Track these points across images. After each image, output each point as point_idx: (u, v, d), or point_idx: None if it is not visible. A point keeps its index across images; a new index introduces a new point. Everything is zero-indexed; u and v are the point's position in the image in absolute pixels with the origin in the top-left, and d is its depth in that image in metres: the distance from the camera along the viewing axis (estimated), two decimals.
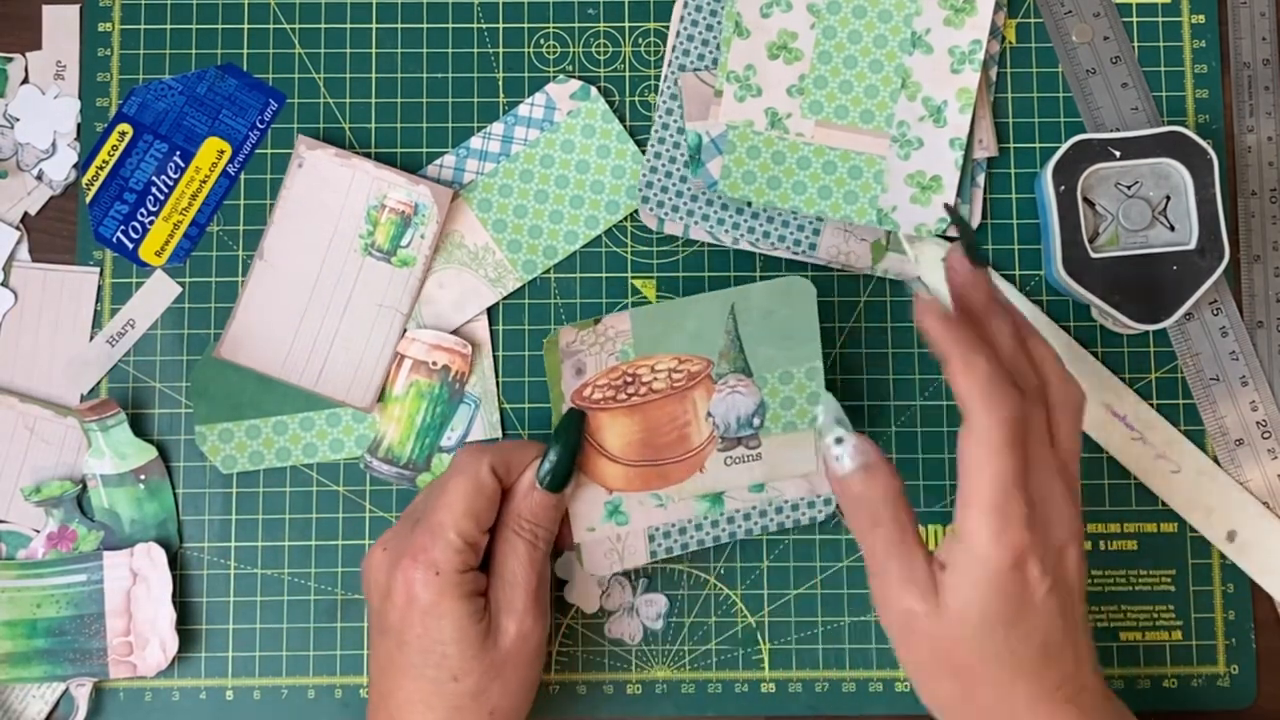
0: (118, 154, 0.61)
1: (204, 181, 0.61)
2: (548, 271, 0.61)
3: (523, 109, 0.60)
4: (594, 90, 0.57)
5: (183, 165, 0.61)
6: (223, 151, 0.62)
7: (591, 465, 0.56)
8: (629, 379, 0.56)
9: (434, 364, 0.60)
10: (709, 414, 0.57)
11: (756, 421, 0.57)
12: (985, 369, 0.46)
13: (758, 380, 0.57)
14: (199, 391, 0.60)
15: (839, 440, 0.50)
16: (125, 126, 0.61)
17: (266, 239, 0.60)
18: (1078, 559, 0.49)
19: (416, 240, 0.60)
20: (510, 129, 0.60)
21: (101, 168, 0.61)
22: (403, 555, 0.52)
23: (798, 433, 0.57)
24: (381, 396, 0.60)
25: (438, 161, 0.60)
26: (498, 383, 0.61)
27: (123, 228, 0.61)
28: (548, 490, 0.54)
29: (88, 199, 0.61)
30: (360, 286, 0.60)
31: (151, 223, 0.61)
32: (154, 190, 0.61)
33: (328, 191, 0.60)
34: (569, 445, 0.55)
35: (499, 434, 0.61)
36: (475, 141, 0.60)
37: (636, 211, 0.61)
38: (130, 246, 0.61)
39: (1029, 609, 0.47)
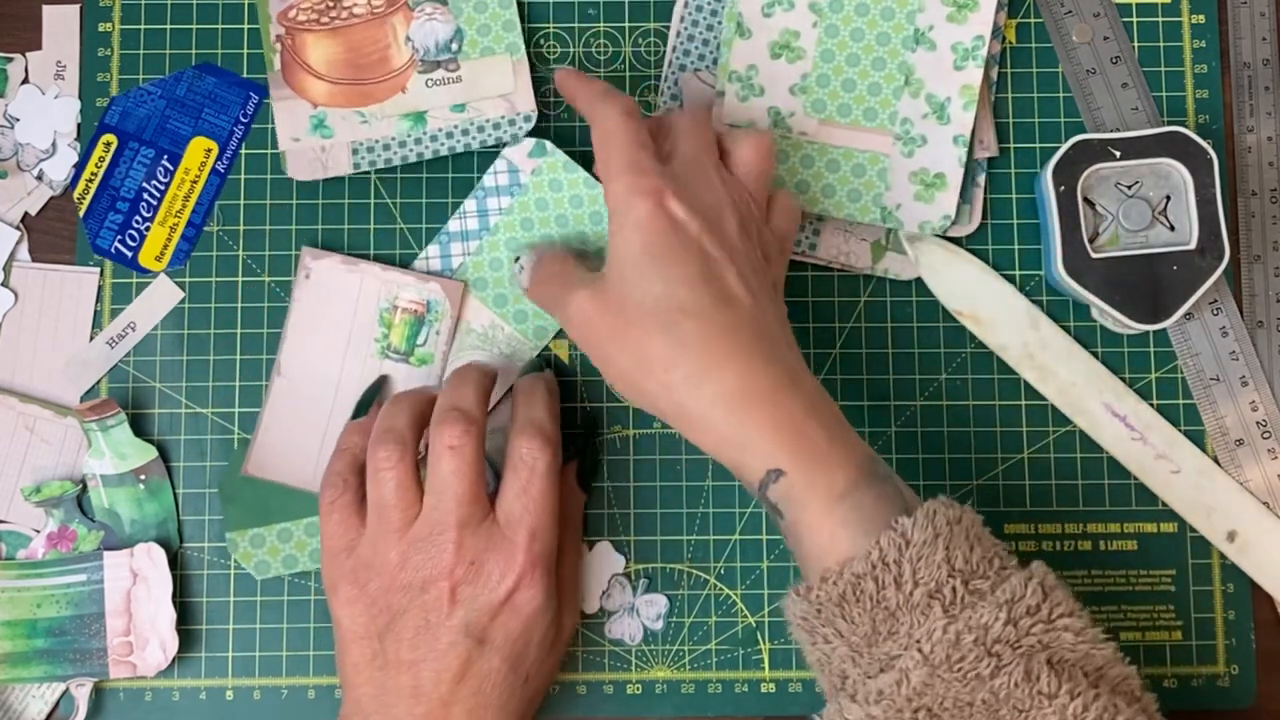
0: (105, 165, 0.61)
1: (194, 182, 0.61)
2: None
3: (488, 180, 0.59)
4: (549, 144, 0.58)
5: (171, 168, 0.61)
6: (210, 150, 0.62)
7: (298, 82, 0.59)
8: (331, 4, 0.59)
9: None
10: (408, 38, 0.60)
11: (455, 46, 0.60)
12: (599, 84, 0.55)
13: (453, 8, 0.60)
14: (228, 497, 0.60)
15: (517, 259, 0.57)
16: (110, 137, 0.61)
17: (282, 354, 0.60)
18: (738, 225, 0.52)
19: (432, 337, 0.60)
20: (483, 203, 0.59)
21: (91, 180, 0.61)
22: (517, 558, 0.52)
23: (495, 57, 0.60)
24: None
25: (423, 254, 0.60)
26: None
27: (119, 237, 0.61)
28: (583, 492, 0.59)
29: (81, 212, 0.61)
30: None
31: (148, 229, 0.61)
32: (146, 196, 0.61)
33: (338, 299, 0.60)
34: (599, 449, 0.60)
35: None
36: (453, 225, 0.60)
37: None
38: (129, 255, 0.61)
39: (684, 247, 0.50)
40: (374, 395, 0.59)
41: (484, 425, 0.54)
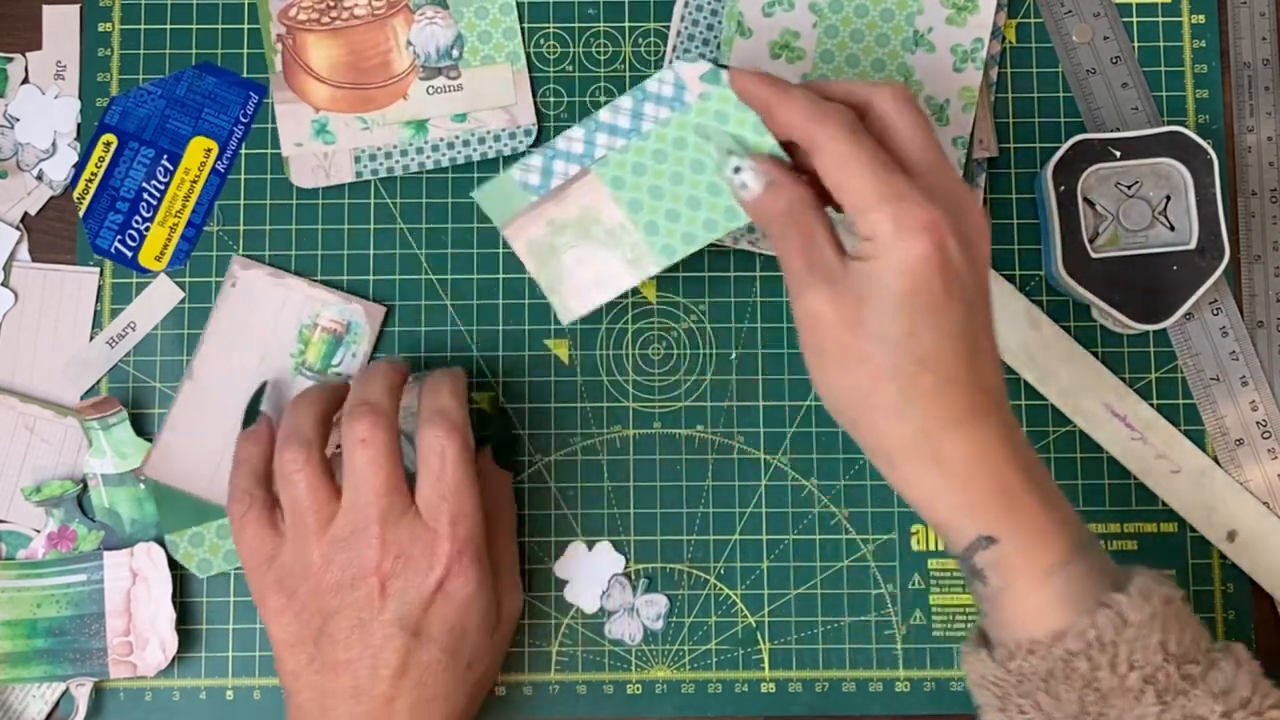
0: (105, 165, 0.61)
1: (194, 182, 0.61)
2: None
3: (651, 85, 0.54)
4: (725, 75, 0.52)
5: (171, 168, 0.61)
6: (210, 150, 0.62)
7: (299, 84, 0.60)
8: (331, 3, 0.59)
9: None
10: (409, 42, 0.60)
11: (455, 53, 0.60)
12: (804, 95, 0.47)
13: (454, 13, 0.60)
14: (161, 500, 0.59)
15: (737, 169, 0.49)
16: (110, 136, 0.61)
17: (197, 359, 0.60)
18: (988, 248, 0.48)
19: (348, 359, 0.60)
20: (639, 105, 0.55)
21: (91, 180, 0.61)
22: (442, 546, 0.51)
23: (496, 66, 0.60)
24: None
25: (566, 134, 0.56)
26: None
27: (119, 237, 0.61)
28: (505, 467, 0.59)
29: (81, 212, 0.61)
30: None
31: (148, 229, 0.61)
32: (146, 196, 0.61)
33: (260, 311, 0.60)
34: (509, 424, 0.60)
35: None
36: (604, 115, 0.55)
37: None
38: (129, 255, 0.61)
39: (947, 295, 0.45)
40: (258, 403, 0.59)
41: (394, 417, 0.53)
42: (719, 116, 0.52)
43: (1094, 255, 0.58)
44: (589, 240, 0.55)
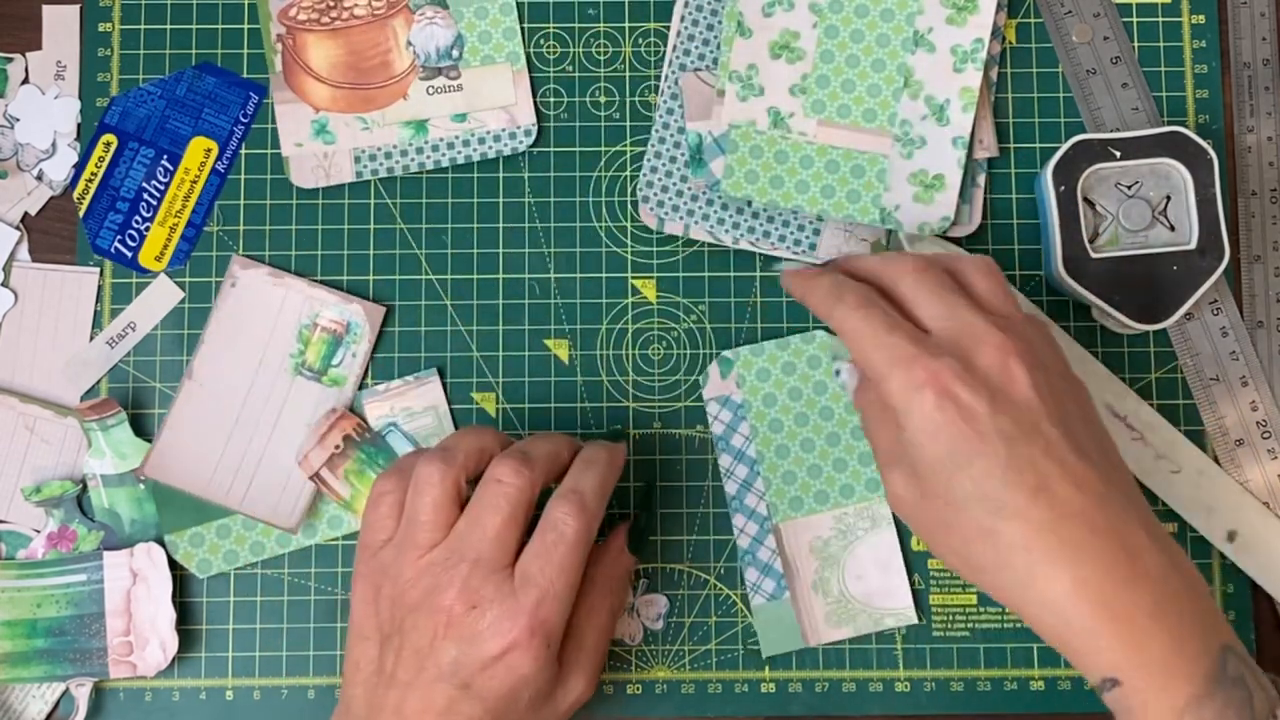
0: (105, 165, 0.61)
1: (194, 182, 0.61)
2: (547, 272, 0.61)
3: (716, 429, 0.58)
4: (728, 353, 0.58)
5: (171, 168, 0.61)
6: (210, 150, 0.62)
7: (299, 84, 0.60)
8: (332, 3, 0.59)
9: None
10: (409, 43, 0.60)
11: (455, 53, 0.60)
12: (824, 281, 0.50)
13: (454, 13, 0.60)
14: (161, 501, 0.59)
15: (837, 373, 0.56)
16: (110, 137, 0.61)
17: (196, 359, 0.60)
18: (1028, 376, 0.46)
19: (348, 359, 0.60)
20: (728, 447, 0.58)
21: (91, 180, 0.61)
22: (520, 620, 0.50)
23: (495, 66, 0.61)
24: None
25: (738, 533, 0.60)
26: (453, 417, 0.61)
27: (119, 237, 0.61)
28: (634, 553, 0.57)
29: (81, 212, 0.61)
30: (289, 407, 0.60)
31: (148, 229, 0.61)
32: (146, 196, 0.61)
33: (260, 311, 0.60)
34: (655, 512, 0.60)
35: None
36: (730, 488, 0.59)
37: (637, 211, 0.62)
38: (129, 255, 0.61)
39: (980, 436, 0.45)
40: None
41: (540, 479, 0.52)
42: (761, 374, 0.59)
43: (1094, 255, 0.58)
44: (842, 560, 0.59)
